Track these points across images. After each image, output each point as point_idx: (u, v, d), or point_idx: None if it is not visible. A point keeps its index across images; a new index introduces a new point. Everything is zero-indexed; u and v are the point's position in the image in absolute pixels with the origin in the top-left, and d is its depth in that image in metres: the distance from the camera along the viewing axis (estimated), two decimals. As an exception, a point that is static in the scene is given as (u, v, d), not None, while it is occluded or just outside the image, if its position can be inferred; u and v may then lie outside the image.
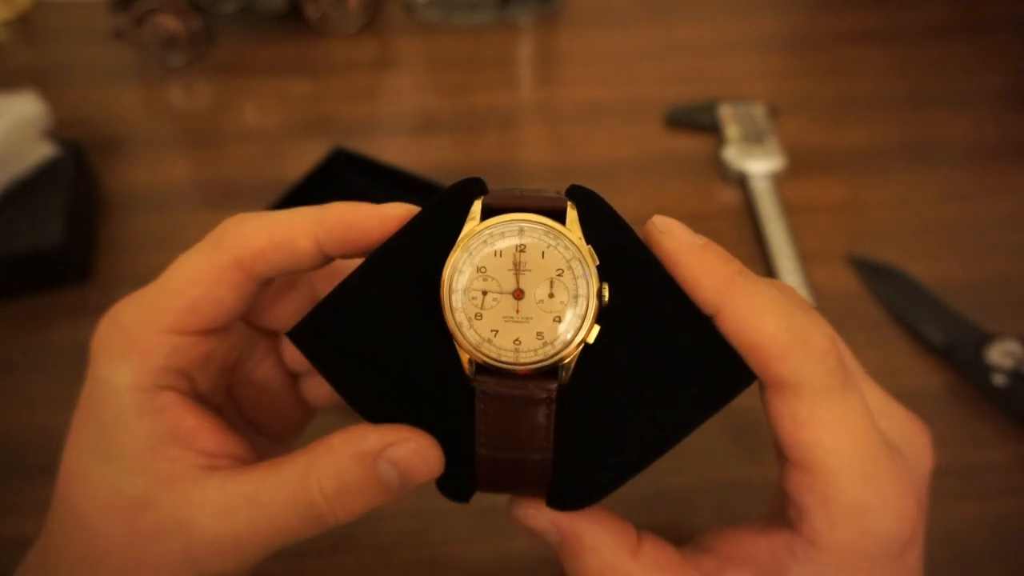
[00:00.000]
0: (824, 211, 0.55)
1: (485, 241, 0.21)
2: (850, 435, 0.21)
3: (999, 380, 0.42)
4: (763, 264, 0.51)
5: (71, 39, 0.72)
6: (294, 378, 0.30)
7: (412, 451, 0.22)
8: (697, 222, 0.61)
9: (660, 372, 0.22)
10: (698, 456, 0.40)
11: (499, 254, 0.21)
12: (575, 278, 0.21)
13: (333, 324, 0.23)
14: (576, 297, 0.21)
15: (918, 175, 0.57)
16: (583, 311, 0.21)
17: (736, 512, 0.39)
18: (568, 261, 0.21)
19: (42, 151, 0.53)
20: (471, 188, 0.23)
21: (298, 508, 0.22)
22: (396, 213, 0.23)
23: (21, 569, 0.24)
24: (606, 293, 0.21)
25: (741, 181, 0.57)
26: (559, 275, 0.21)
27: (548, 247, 0.21)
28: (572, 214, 0.22)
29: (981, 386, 0.43)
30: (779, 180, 0.56)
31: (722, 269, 0.21)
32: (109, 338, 0.24)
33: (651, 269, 0.22)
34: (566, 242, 0.21)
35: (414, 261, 0.23)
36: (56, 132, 0.56)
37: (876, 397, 0.25)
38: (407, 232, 0.23)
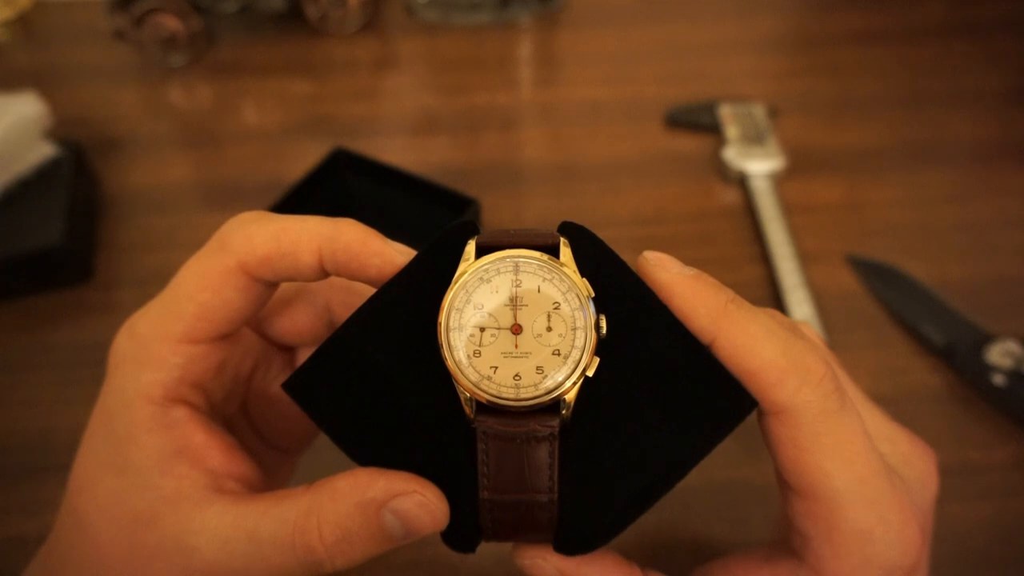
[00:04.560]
0: (824, 211, 0.55)
1: (481, 278, 0.21)
2: (851, 459, 0.21)
3: (999, 380, 0.42)
4: (763, 264, 0.51)
5: (71, 39, 0.72)
6: None
7: (418, 503, 0.21)
8: (697, 222, 0.61)
9: (662, 404, 0.22)
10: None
11: (496, 290, 0.21)
12: (572, 311, 0.21)
13: (328, 375, 0.23)
14: (574, 330, 0.21)
15: (918, 175, 0.57)
16: (582, 343, 0.21)
17: (736, 513, 0.39)
18: (564, 294, 0.21)
19: (42, 151, 0.53)
20: (464, 230, 0.23)
21: (296, 552, 0.21)
22: (399, 261, 0.23)
23: (28, 570, 0.25)
24: (604, 325, 0.21)
25: (741, 181, 0.57)
26: (556, 308, 0.21)
27: (544, 281, 0.21)
28: (565, 249, 0.22)
29: (981, 386, 0.43)
30: (779, 180, 0.56)
31: (715, 297, 0.22)
32: (125, 350, 0.24)
33: (646, 301, 0.22)
34: (561, 275, 0.21)
35: (408, 308, 0.23)
36: (56, 132, 0.56)
37: (877, 421, 0.25)
38: (401, 279, 0.23)
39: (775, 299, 0.49)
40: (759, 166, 0.56)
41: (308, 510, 0.22)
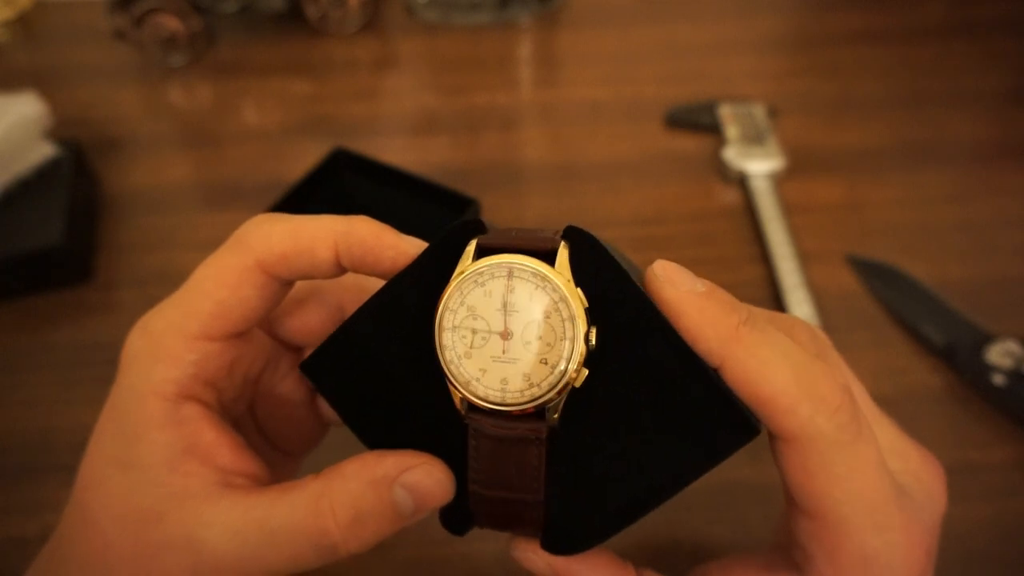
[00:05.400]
0: (824, 211, 0.55)
1: (475, 281, 0.21)
2: (861, 488, 0.21)
3: (999, 380, 0.42)
4: (763, 264, 0.51)
5: (71, 39, 0.72)
6: (313, 394, 0.30)
7: (427, 473, 0.22)
8: (697, 222, 0.61)
9: (660, 420, 0.22)
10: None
11: (489, 294, 0.21)
12: (562, 320, 0.21)
13: (341, 358, 0.24)
14: (563, 340, 0.21)
15: (918, 175, 0.57)
16: (569, 354, 0.21)
17: (736, 513, 0.39)
18: (556, 303, 0.21)
19: (42, 151, 0.53)
20: (470, 228, 0.23)
21: (310, 537, 0.21)
22: (412, 253, 0.24)
23: (33, 567, 0.25)
24: (593, 337, 0.21)
25: (741, 181, 0.57)
26: (546, 317, 0.21)
27: (536, 289, 0.21)
28: (563, 256, 0.22)
29: (981, 386, 0.43)
30: (779, 180, 0.56)
31: (725, 319, 0.21)
32: (139, 347, 0.24)
33: (646, 313, 0.22)
34: (554, 284, 0.21)
35: (416, 299, 0.23)
36: (56, 132, 0.56)
37: (889, 435, 0.25)
38: (411, 270, 0.24)
39: (775, 299, 0.49)
40: (759, 166, 0.56)
41: (320, 494, 0.22)
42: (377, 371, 0.24)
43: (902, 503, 0.22)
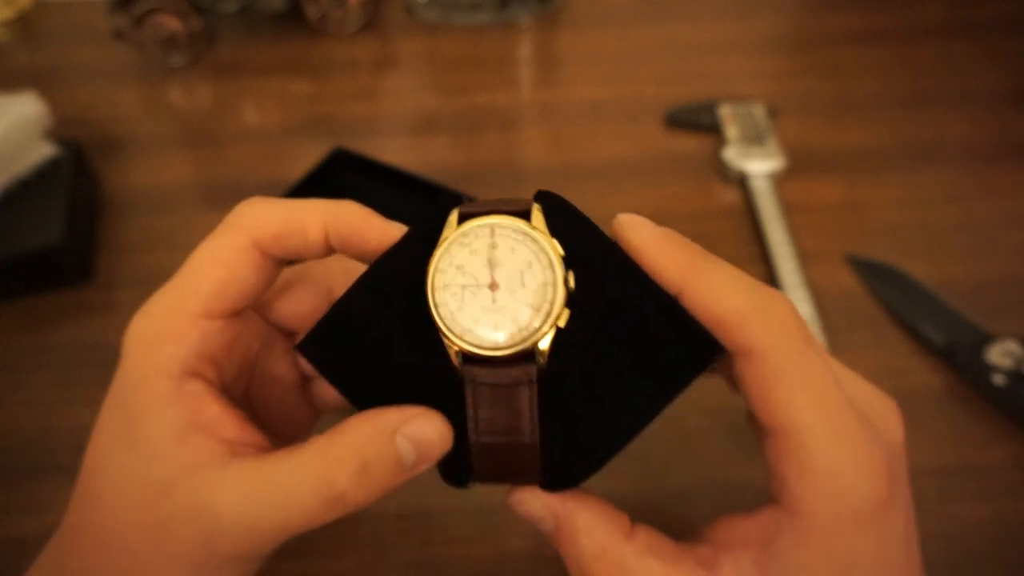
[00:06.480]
0: (824, 211, 0.55)
1: (461, 243, 0.24)
2: (817, 394, 0.22)
3: (999, 380, 0.42)
4: (763, 264, 0.51)
5: (71, 39, 0.72)
6: (306, 379, 0.31)
7: (427, 421, 0.23)
8: (697, 222, 0.61)
9: (633, 351, 0.24)
10: (697, 456, 0.40)
11: (474, 252, 0.24)
12: (543, 268, 0.23)
13: (336, 335, 0.25)
14: (545, 285, 0.23)
15: (918, 175, 0.57)
16: (551, 297, 0.23)
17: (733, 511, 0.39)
18: (535, 254, 0.23)
19: (42, 151, 0.53)
20: (451, 201, 0.25)
21: (319, 489, 0.22)
22: (396, 234, 0.25)
23: (41, 558, 0.25)
24: (571, 280, 0.23)
25: (741, 181, 0.57)
26: (528, 267, 0.23)
27: (517, 242, 0.23)
28: (537, 214, 0.24)
29: (981, 386, 0.43)
30: (779, 180, 0.56)
31: (682, 252, 0.24)
32: (142, 330, 0.24)
33: (615, 256, 0.24)
34: (532, 237, 0.23)
35: (405, 272, 0.25)
36: (56, 132, 0.56)
37: (841, 373, 0.25)
38: (399, 247, 0.25)
39: (775, 299, 0.49)
40: (759, 166, 0.56)
41: (325, 448, 0.23)
42: (372, 344, 0.25)
43: (860, 417, 0.22)
